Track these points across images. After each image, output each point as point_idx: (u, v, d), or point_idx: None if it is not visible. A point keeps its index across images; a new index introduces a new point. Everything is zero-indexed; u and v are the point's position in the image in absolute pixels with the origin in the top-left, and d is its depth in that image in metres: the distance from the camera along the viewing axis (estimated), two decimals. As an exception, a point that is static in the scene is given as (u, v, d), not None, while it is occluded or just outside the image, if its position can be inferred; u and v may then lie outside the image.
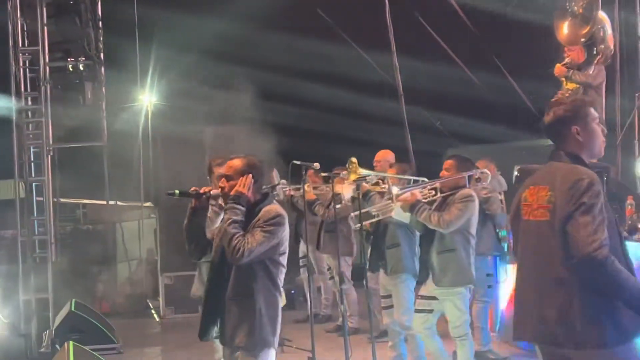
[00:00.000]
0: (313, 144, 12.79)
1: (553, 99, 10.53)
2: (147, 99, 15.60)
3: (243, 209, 5.12)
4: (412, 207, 7.54)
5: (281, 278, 5.26)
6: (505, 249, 9.48)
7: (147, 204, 15.42)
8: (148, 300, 14.01)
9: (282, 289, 5.31)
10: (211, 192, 5.43)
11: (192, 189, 5.55)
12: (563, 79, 10.52)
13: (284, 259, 5.24)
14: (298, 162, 9.77)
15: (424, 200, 7.61)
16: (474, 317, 9.47)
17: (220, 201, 5.39)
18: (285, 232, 5.19)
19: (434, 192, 7.71)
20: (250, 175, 5.19)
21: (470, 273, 7.64)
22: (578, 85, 10.33)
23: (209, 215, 5.62)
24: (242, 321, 5.11)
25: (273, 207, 5.18)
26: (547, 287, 4.43)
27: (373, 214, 8.05)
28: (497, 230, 9.43)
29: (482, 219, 9.37)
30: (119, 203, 14.90)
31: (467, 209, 7.52)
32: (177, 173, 12.88)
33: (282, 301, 5.35)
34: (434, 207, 7.67)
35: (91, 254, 14.08)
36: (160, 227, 13.71)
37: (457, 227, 7.50)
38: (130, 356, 10.49)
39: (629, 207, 8.70)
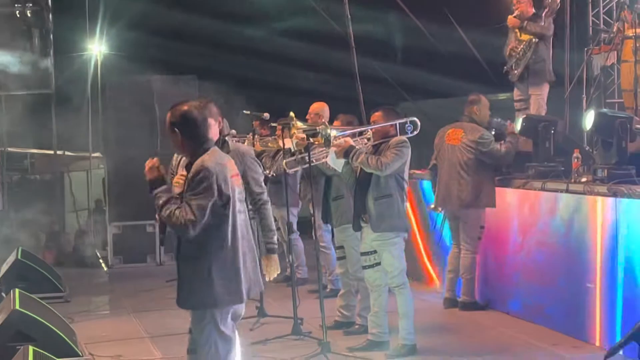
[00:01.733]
0: (263, 94, 12.74)
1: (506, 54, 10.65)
2: (96, 47, 15.41)
3: (162, 187, 4.99)
4: (346, 152, 7.58)
5: (225, 228, 5.03)
6: None
7: (96, 154, 15.30)
8: (96, 250, 13.95)
9: (237, 243, 5.09)
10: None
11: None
12: (517, 30, 10.58)
13: (227, 209, 5.04)
14: (248, 112, 9.75)
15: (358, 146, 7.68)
16: (461, 268, 9.58)
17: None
18: (219, 182, 4.96)
19: (366, 141, 7.77)
20: (149, 164, 5.04)
21: (405, 220, 7.76)
22: (531, 36, 10.41)
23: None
24: (185, 281, 5.03)
25: (198, 162, 4.99)
26: None
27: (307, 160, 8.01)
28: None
29: (489, 172, 9.49)
30: (67, 153, 14.78)
31: (403, 153, 7.62)
32: (126, 123, 12.82)
33: (240, 255, 5.11)
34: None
35: (39, 204, 13.95)
36: (108, 177, 13.63)
37: (393, 170, 7.59)
38: (77, 304, 10.45)
39: (575, 160, 8.79)
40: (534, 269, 8.91)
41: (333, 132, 7.61)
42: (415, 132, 7.81)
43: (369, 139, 7.79)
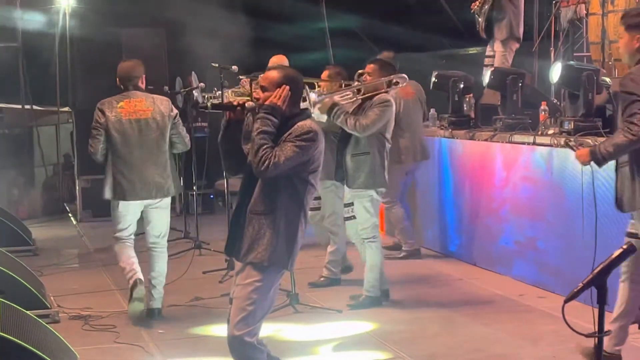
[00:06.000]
0: (234, 47, 12.67)
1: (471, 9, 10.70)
2: (64, 0, 15.24)
3: (276, 120, 4.89)
4: (329, 109, 7.60)
5: (308, 198, 5.04)
6: None
7: (65, 108, 15.20)
8: (65, 204, 13.91)
9: (307, 210, 5.09)
10: (246, 104, 5.08)
11: (226, 101, 5.23)
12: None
13: (313, 178, 5.03)
14: (216, 65, 9.70)
15: (342, 103, 7.67)
16: (394, 220, 9.73)
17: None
18: (318, 149, 4.97)
19: (350, 95, 7.75)
20: (287, 87, 4.94)
21: (382, 177, 7.77)
22: None
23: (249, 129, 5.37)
24: (259, 237, 4.90)
25: (307, 122, 4.96)
26: None
27: None
28: None
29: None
30: (35, 107, 14.67)
31: (385, 113, 7.65)
32: (95, 77, 12.72)
33: (306, 223, 5.09)
34: (351, 110, 7.73)
35: (7, 159, 13.89)
36: (77, 131, 13.56)
37: (373, 131, 7.61)
38: (46, 258, 10.46)
39: (543, 112, 8.84)
40: (502, 220, 9.00)
41: (313, 97, 7.60)
42: (400, 86, 7.87)
43: (359, 90, 7.75)
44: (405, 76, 7.91)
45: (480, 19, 10.62)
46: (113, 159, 7.60)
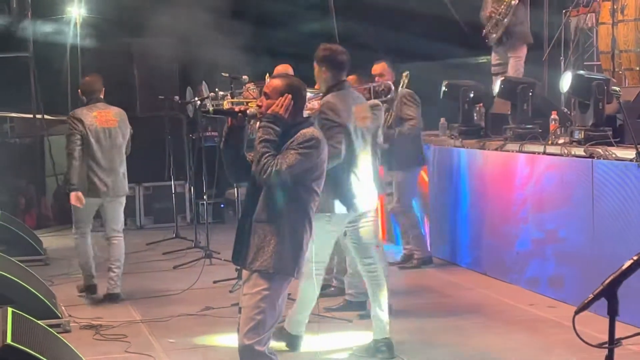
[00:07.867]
0: (244, 57, 12.70)
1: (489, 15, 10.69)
2: (75, 10, 15.31)
3: (278, 129, 4.88)
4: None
5: (313, 207, 5.02)
6: None
7: (76, 117, 15.26)
8: (76, 214, 13.91)
9: (312, 218, 5.04)
10: (247, 111, 5.07)
11: (228, 106, 5.22)
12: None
13: (317, 185, 5.01)
14: (226, 75, 9.75)
15: None
16: (408, 226, 9.85)
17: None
18: (321, 156, 4.97)
19: None
20: (290, 96, 4.94)
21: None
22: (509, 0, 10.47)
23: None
24: (264, 245, 4.89)
25: (310, 130, 4.96)
26: None
27: None
28: None
29: None
30: (46, 117, 14.72)
31: (377, 117, 7.68)
32: (105, 86, 12.74)
33: (311, 230, 5.04)
34: None
35: (19, 168, 13.92)
36: (88, 140, 13.57)
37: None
38: (57, 267, 10.45)
39: (553, 122, 8.84)
40: (513, 231, 9.00)
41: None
42: (390, 95, 7.90)
43: None
44: (391, 84, 7.98)
45: (496, 28, 10.59)
46: (87, 161, 8.63)
